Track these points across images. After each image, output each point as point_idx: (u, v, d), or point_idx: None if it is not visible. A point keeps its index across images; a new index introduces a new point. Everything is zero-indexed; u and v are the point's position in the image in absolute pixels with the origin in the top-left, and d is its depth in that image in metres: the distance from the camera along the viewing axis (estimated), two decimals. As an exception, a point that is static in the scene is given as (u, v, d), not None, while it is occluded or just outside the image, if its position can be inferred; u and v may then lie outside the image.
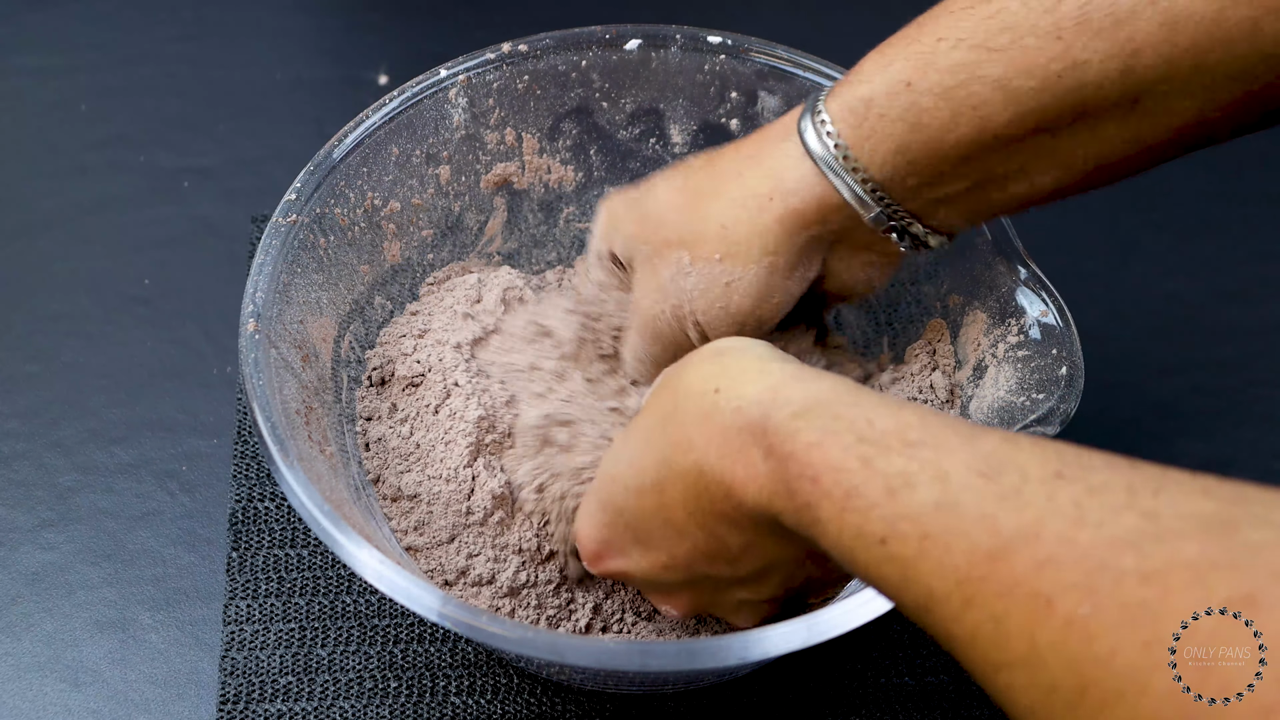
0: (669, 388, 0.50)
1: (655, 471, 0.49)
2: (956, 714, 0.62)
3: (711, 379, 0.47)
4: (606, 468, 0.53)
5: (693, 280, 0.57)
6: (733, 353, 0.49)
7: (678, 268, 0.58)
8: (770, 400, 0.44)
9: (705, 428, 0.46)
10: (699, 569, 0.51)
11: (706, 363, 0.49)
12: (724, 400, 0.46)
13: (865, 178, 0.53)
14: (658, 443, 0.49)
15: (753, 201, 0.56)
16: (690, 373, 0.49)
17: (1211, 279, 0.80)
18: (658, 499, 0.49)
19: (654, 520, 0.50)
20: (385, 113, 0.65)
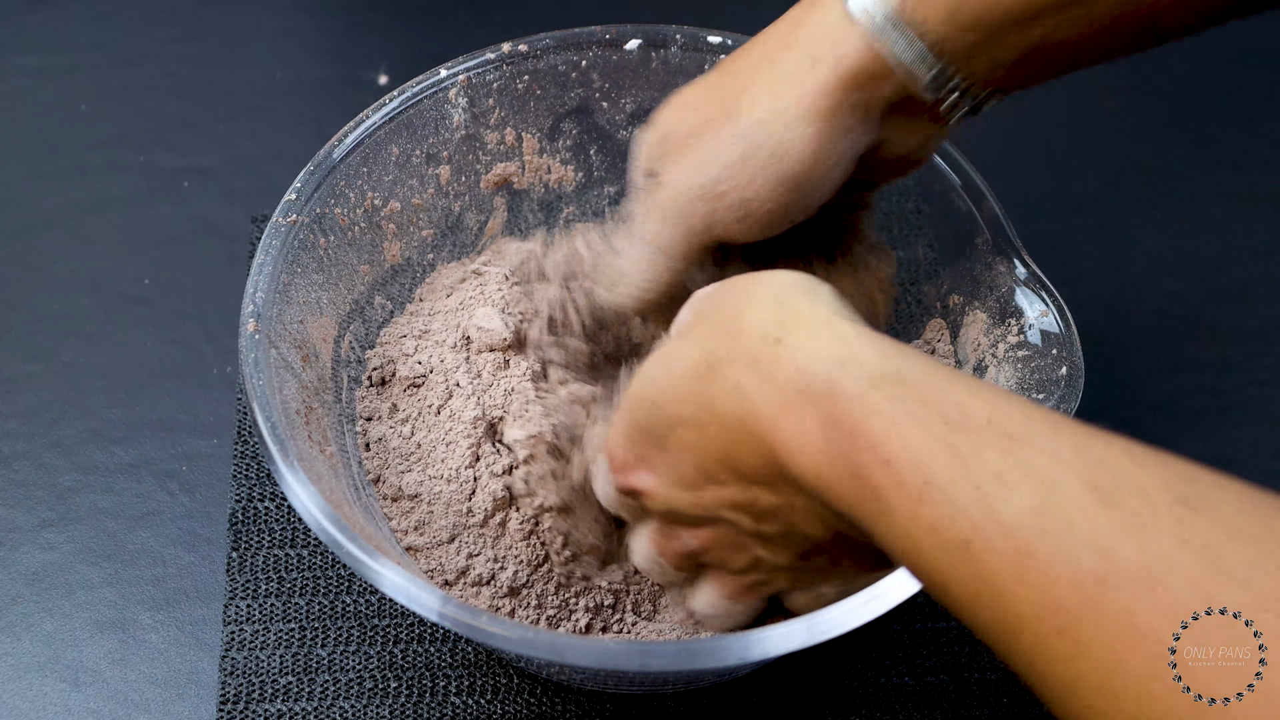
0: (720, 323, 0.45)
1: (697, 411, 0.45)
2: (956, 714, 0.62)
3: (773, 326, 0.43)
4: (647, 388, 0.48)
5: (737, 149, 0.54)
6: (797, 297, 0.45)
7: (717, 140, 0.54)
8: (842, 364, 0.40)
9: (761, 381, 0.42)
10: (724, 513, 0.48)
11: (768, 305, 0.44)
12: (785, 354, 0.42)
13: (915, 40, 0.50)
14: (706, 383, 0.45)
15: (796, 74, 0.53)
16: (749, 313, 0.44)
17: (1211, 279, 0.80)
18: (697, 437, 0.45)
19: (689, 457, 0.47)
20: (385, 113, 0.65)
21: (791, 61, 0.53)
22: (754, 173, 0.54)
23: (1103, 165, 0.85)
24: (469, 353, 0.63)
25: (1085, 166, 0.85)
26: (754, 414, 0.42)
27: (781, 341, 0.42)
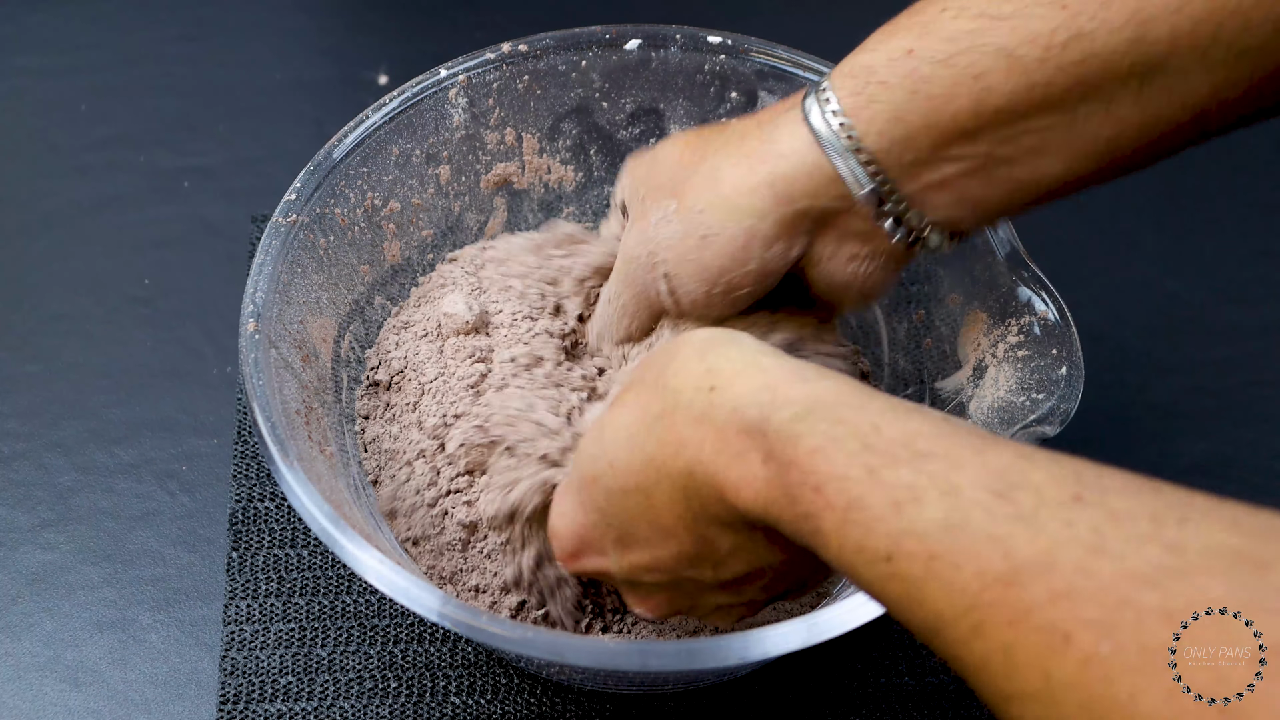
0: (654, 386, 0.47)
1: (641, 473, 0.47)
2: (956, 714, 0.62)
3: (705, 377, 0.45)
4: (585, 466, 0.50)
5: (672, 228, 0.56)
6: (721, 346, 0.46)
7: (663, 214, 0.56)
8: (769, 401, 0.42)
9: (699, 429, 0.44)
10: (682, 571, 0.49)
11: (694, 360, 0.46)
12: (719, 399, 0.44)
13: (860, 147, 0.51)
14: (645, 443, 0.47)
15: (746, 162, 0.54)
16: (679, 370, 0.46)
17: (1211, 279, 0.80)
18: (644, 500, 0.47)
19: (639, 522, 0.48)
20: (385, 113, 0.65)
21: (742, 150, 0.55)
22: (682, 254, 0.56)
23: (1103, 165, 0.85)
24: (441, 342, 0.63)
25: (1085, 166, 0.85)
26: (699, 460, 0.44)
27: (715, 388, 0.44)
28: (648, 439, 0.46)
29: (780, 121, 0.54)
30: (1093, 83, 0.48)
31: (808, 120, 0.52)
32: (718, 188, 0.54)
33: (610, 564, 0.51)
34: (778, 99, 0.67)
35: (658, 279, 0.57)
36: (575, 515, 0.51)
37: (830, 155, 0.52)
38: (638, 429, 0.47)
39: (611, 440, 0.48)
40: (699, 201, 0.55)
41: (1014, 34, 0.48)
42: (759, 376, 0.44)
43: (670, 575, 0.49)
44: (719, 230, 0.54)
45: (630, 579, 0.51)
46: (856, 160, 0.51)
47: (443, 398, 0.61)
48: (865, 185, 0.52)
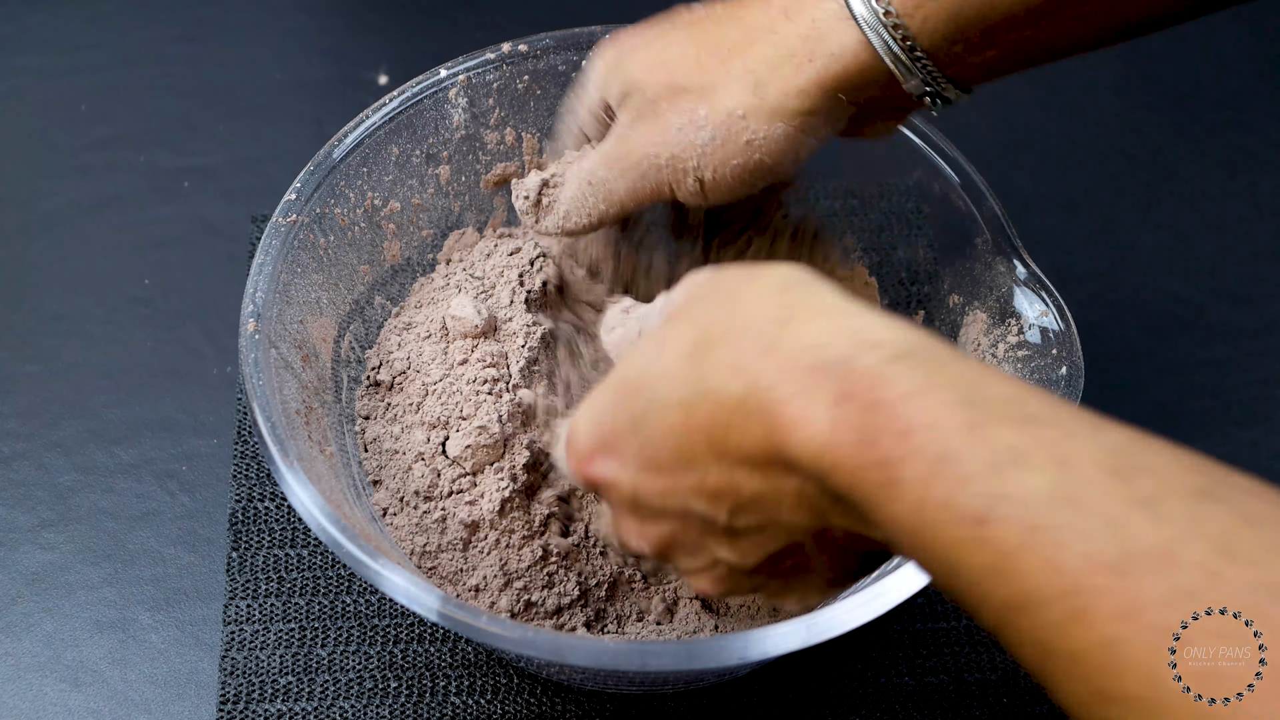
0: (721, 305, 0.44)
1: (687, 389, 0.43)
2: (956, 714, 0.62)
3: (781, 310, 0.42)
4: (633, 369, 0.46)
5: (707, 134, 0.55)
6: (804, 284, 0.43)
7: (690, 118, 0.55)
8: (856, 341, 0.39)
9: (765, 359, 0.41)
10: (695, 504, 0.45)
11: (772, 292, 0.43)
12: (794, 333, 0.40)
13: (912, 45, 0.52)
14: (701, 361, 0.43)
15: (790, 61, 0.53)
16: (754, 298, 0.43)
17: (1211, 279, 0.80)
18: (683, 418, 0.43)
19: (669, 439, 0.44)
20: (385, 113, 0.65)
21: (779, 49, 0.54)
22: (722, 159, 0.55)
23: (1102, 165, 0.85)
24: (446, 344, 0.63)
25: (1085, 166, 0.85)
26: (755, 391, 0.41)
27: (790, 321, 0.41)
28: (705, 358, 0.43)
29: (819, 16, 0.53)
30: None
31: (854, 15, 0.52)
32: (762, 91, 0.54)
33: (624, 475, 0.46)
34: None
35: (685, 179, 0.56)
36: (605, 415, 0.47)
37: (884, 54, 0.52)
38: (698, 346, 0.43)
39: (671, 351, 0.45)
40: (739, 105, 0.54)
41: None
42: (843, 319, 0.41)
43: (680, 504, 0.45)
44: (767, 133, 0.54)
45: (638, 497, 0.46)
46: (909, 57, 0.52)
47: (448, 399, 0.61)
48: (916, 75, 0.53)
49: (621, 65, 0.58)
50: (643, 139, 0.57)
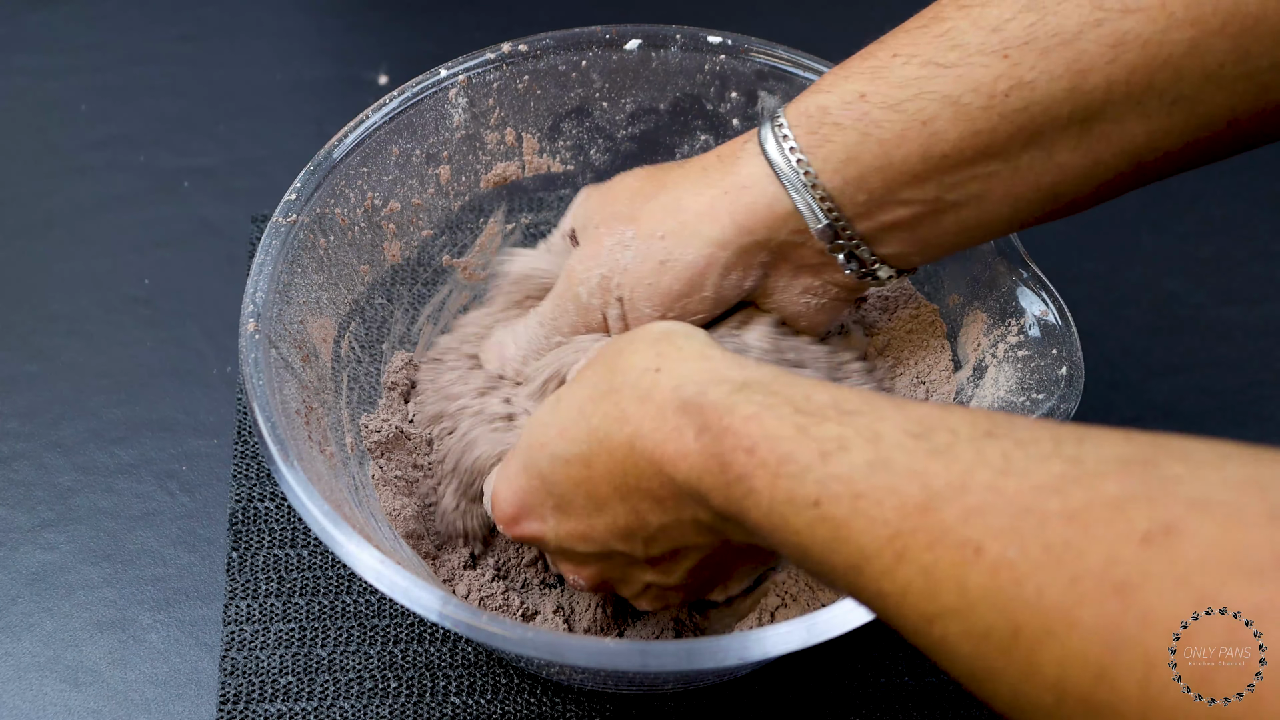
0: (607, 364, 0.50)
1: (585, 443, 0.49)
2: (956, 714, 0.62)
3: (653, 360, 0.48)
4: (534, 434, 0.52)
5: (630, 253, 0.58)
6: (675, 337, 0.49)
7: (619, 239, 0.58)
8: (709, 379, 0.45)
9: (642, 405, 0.47)
10: (613, 544, 0.51)
11: (648, 345, 0.49)
12: (663, 379, 0.47)
13: (816, 184, 0.54)
14: (591, 415, 0.49)
15: (708, 191, 0.56)
16: (632, 353, 0.49)
17: (1211, 279, 0.80)
18: (584, 470, 0.49)
19: (577, 490, 0.50)
20: (385, 113, 0.65)
21: (702, 181, 0.57)
22: (638, 278, 0.58)
23: (1103, 165, 0.85)
24: None
25: (1085, 166, 0.85)
26: (639, 433, 0.47)
27: (660, 370, 0.47)
28: (594, 412, 0.49)
29: (740, 155, 0.56)
30: (1034, 129, 0.51)
31: (765, 153, 0.55)
32: (679, 215, 0.57)
33: (547, 530, 0.53)
34: (777, 99, 0.67)
35: (609, 303, 0.59)
36: (518, 479, 0.53)
37: (788, 189, 0.54)
38: (587, 402, 0.50)
39: (564, 410, 0.51)
40: (659, 228, 0.57)
41: (959, 82, 0.51)
42: (701, 362, 0.47)
43: (601, 547, 0.52)
44: (679, 256, 0.57)
45: (564, 546, 0.53)
46: (812, 196, 0.54)
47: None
48: (821, 220, 0.54)
49: (582, 204, 0.62)
50: (580, 260, 0.60)
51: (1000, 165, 0.52)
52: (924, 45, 0.52)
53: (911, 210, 0.54)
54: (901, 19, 0.54)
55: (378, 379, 0.66)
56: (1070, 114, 0.50)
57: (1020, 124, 0.50)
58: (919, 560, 0.37)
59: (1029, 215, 0.54)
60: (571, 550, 0.53)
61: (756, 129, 0.57)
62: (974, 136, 0.51)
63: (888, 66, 0.52)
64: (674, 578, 0.53)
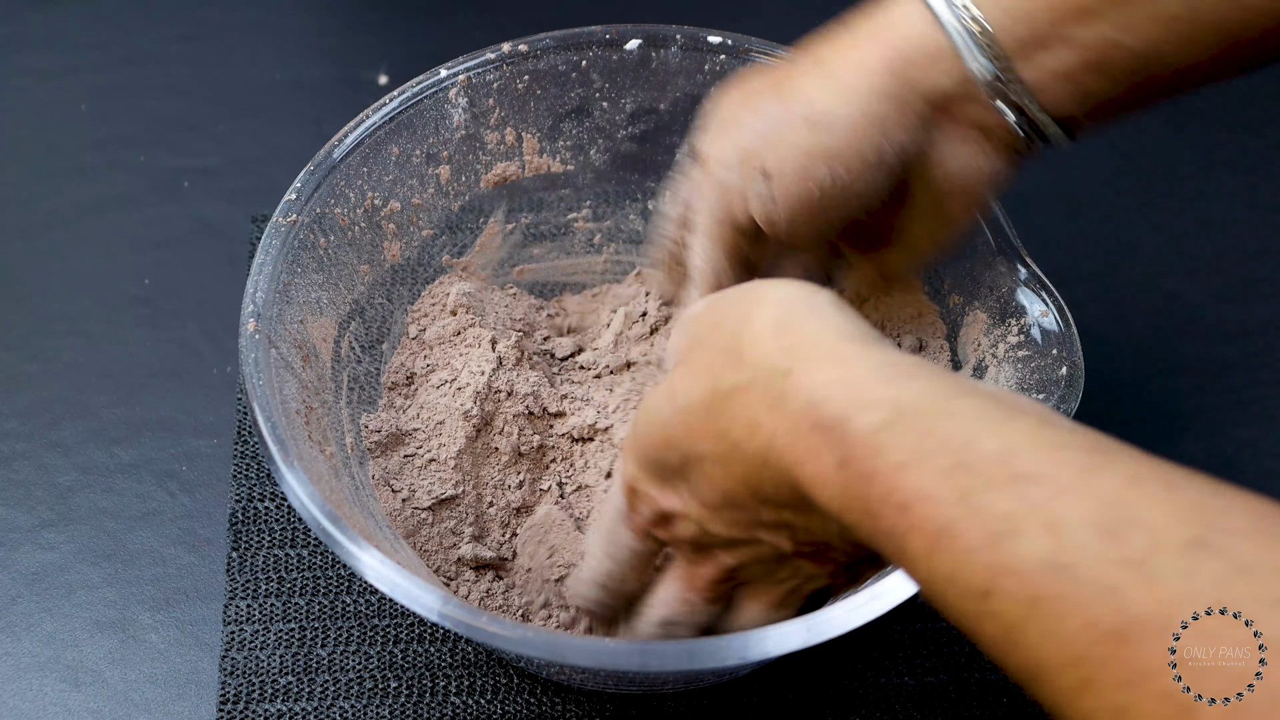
0: (728, 352, 0.44)
1: (714, 443, 0.44)
2: (956, 714, 0.62)
3: (782, 356, 0.42)
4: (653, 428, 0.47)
5: (774, 121, 0.52)
6: (800, 315, 0.43)
7: (759, 111, 0.53)
8: (850, 399, 0.39)
9: (773, 415, 0.41)
10: (760, 534, 0.46)
11: (770, 331, 0.43)
12: (794, 387, 0.41)
13: (974, 18, 0.49)
14: (717, 417, 0.44)
15: (858, 44, 0.51)
16: (754, 340, 0.43)
17: (1211, 279, 0.80)
18: (719, 469, 0.44)
19: (712, 487, 0.45)
20: (385, 113, 0.65)
21: (852, 37, 0.52)
22: (787, 144, 0.52)
23: (1103, 165, 0.85)
24: None
25: (1085, 166, 0.85)
26: (772, 447, 0.42)
27: (790, 373, 0.41)
28: (722, 413, 0.44)
29: (890, 3, 0.52)
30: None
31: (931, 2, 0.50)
32: (827, 70, 0.51)
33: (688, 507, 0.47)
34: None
35: (752, 178, 0.53)
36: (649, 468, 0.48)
37: (949, 31, 0.49)
38: (713, 401, 0.44)
39: (684, 407, 0.45)
40: (806, 89, 0.52)
41: None
42: (838, 368, 0.41)
43: (746, 533, 0.47)
44: (832, 111, 0.51)
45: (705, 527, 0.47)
46: (976, 37, 0.49)
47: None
48: (980, 59, 0.50)
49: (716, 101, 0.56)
50: (714, 141, 0.55)
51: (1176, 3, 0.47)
52: None
53: (1079, 55, 0.49)
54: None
55: (378, 379, 0.66)
56: None
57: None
58: (1110, 698, 0.32)
59: (1205, 59, 0.49)
60: (714, 533, 0.47)
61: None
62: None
63: None
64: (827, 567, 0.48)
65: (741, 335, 0.44)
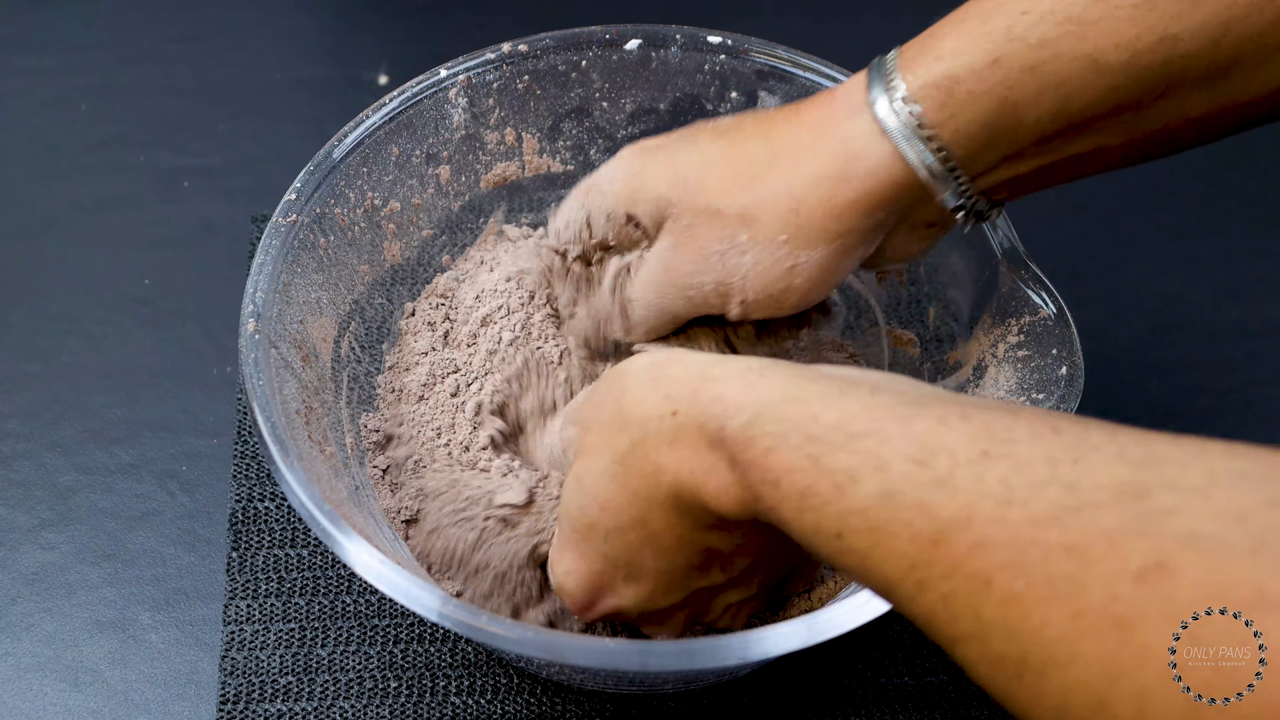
0: (616, 424, 0.49)
1: (632, 508, 0.49)
2: (956, 714, 0.62)
3: (665, 404, 0.47)
4: (575, 518, 0.51)
5: (750, 259, 0.55)
6: (668, 368, 0.48)
7: (730, 244, 0.55)
8: (723, 412, 0.45)
9: (673, 452, 0.47)
10: (694, 583, 0.51)
11: (649, 389, 0.48)
12: (683, 421, 0.46)
13: (946, 157, 0.51)
14: (626, 479, 0.49)
15: (826, 182, 0.53)
16: (638, 402, 0.48)
17: (1211, 279, 0.80)
18: (643, 532, 0.49)
19: (643, 553, 0.50)
20: (385, 113, 0.65)
21: (814, 170, 0.53)
22: (766, 284, 0.56)
23: (1103, 165, 0.85)
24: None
25: (1085, 166, 0.85)
26: (679, 481, 0.47)
27: (676, 411, 0.47)
28: (628, 475, 0.49)
29: (846, 129, 0.53)
30: (1171, 82, 0.49)
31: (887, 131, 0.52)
32: (801, 214, 0.54)
33: (625, 601, 0.52)
34: (777, 99, 0.67)
35: (730, 302, 0.57)
36: (579, 567, 0.52)
37: (916, 166, 0.52)
38: (616, 468, 0.49)
39: (593, 486, 0.50)
40: (777, 229, 0.54)
41: (1101, 38, 0.49)
42: (711, 388, 0.46)
43: (683, 591, 0.52)
44: (808, 257, 0.55)
45: (646, 609, 0.53)
46: (944, 168, 0.52)
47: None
48: (949, 187, 0.53)
49: (647, 181, 0.57)
50: (685, 264, 0.57)
51: (1130, 117, 0.50)
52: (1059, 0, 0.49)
53: (1033, 164, 0.53)
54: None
55: (378, 379, 0.66)
56: (1208, 65, 0.48)
57: (1158, 78, 0.49)
58: (937, 589, 0.38)
59: (1145, 158, 0.53)
60: (654, 609, 0.53)
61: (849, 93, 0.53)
62: (1111, 92, 0.49)
63: (1019, 24, 0.49)
64: (755, 586, 0.54)
65: (621, 403, 0.49)
